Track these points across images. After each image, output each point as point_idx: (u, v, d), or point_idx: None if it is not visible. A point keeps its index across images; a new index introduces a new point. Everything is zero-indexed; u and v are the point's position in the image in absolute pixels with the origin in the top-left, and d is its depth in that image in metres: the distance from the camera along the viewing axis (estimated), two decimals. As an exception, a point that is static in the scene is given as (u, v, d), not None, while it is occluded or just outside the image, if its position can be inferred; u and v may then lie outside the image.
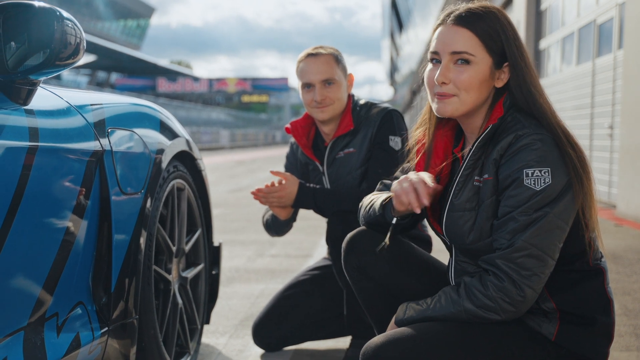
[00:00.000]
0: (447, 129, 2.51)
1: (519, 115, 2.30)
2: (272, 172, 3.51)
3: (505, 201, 2.23)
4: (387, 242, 2.46)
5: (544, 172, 2.16)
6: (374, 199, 2.60)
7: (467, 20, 2.32)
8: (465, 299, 2.27)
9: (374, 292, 2.57)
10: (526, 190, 2.17)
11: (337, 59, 3.57)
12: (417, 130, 2.56)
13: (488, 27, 2.31)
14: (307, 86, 3.56)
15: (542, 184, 2.16)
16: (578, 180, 2.21)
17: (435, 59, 2.36)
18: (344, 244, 2.63)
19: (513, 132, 2.24)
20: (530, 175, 2.17)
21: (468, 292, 2.27)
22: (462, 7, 2.36)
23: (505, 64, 2.34)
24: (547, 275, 2.22)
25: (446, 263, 2.61)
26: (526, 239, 2.17)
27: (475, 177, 2.32)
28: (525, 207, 2.17)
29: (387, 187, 2.71)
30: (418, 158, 2.53)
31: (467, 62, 2.30)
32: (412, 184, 2.30)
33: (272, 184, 3.47)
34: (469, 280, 2.29)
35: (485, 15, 2.32)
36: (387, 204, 2.50)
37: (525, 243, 2.17)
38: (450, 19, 2.35)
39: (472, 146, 2.35)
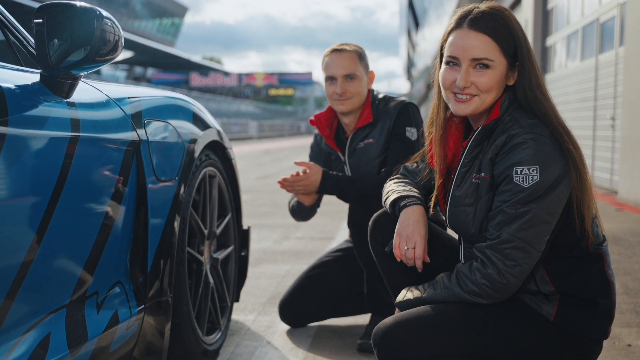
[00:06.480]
0: (457, 122, 2.46)
1: (518, 114, 2.26)
2: (296, 162, 3.49)
3: (498, 196, 2.23)
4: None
5: (533, 170, 2.14)
6: (390, 192, 2.62)
7: (485, 24, 2.24)
8: (455, 284, 2.29)
9: (396, 267, 2.55)
10: (515, 187, 2.17)
11: (360, 56, 3.55)
12: (431, 127, 2.53)
13: (504, 31, 2.24)
14: (330, 79, 3.54)
15: (530, 181, 2.15)
16: (577, 175, 2.19)
17: (453, 62, 2.29)
18: (370, 223, 2.65)
19: (507, 131, 2.22)
20: (519, 172, 2.16)
21: (458, 278, 2.29)
22: (475, 9, 2.28)
23: (517, 63, 2.28)
24: (531, 266, 2.23)
25: None
26: (512, 232, 2.18)
27: (474, 175, 2.31)
28: (514, 202, 2.17)
29: (406, 171, 2.72)
30: (431, 151, 2.51)
31: (486, 66, 2.25)
32: (410, 256, 2.42)
33: (297, 174, 3.45)
34: (460, 267, 2.31)
35: (500, 18, 2.25)
36: (395, 204, 2.54)
37: (511, 236, 2.18)
38: (466, 22, 2.27)
39: (467, 145, 2.33)
